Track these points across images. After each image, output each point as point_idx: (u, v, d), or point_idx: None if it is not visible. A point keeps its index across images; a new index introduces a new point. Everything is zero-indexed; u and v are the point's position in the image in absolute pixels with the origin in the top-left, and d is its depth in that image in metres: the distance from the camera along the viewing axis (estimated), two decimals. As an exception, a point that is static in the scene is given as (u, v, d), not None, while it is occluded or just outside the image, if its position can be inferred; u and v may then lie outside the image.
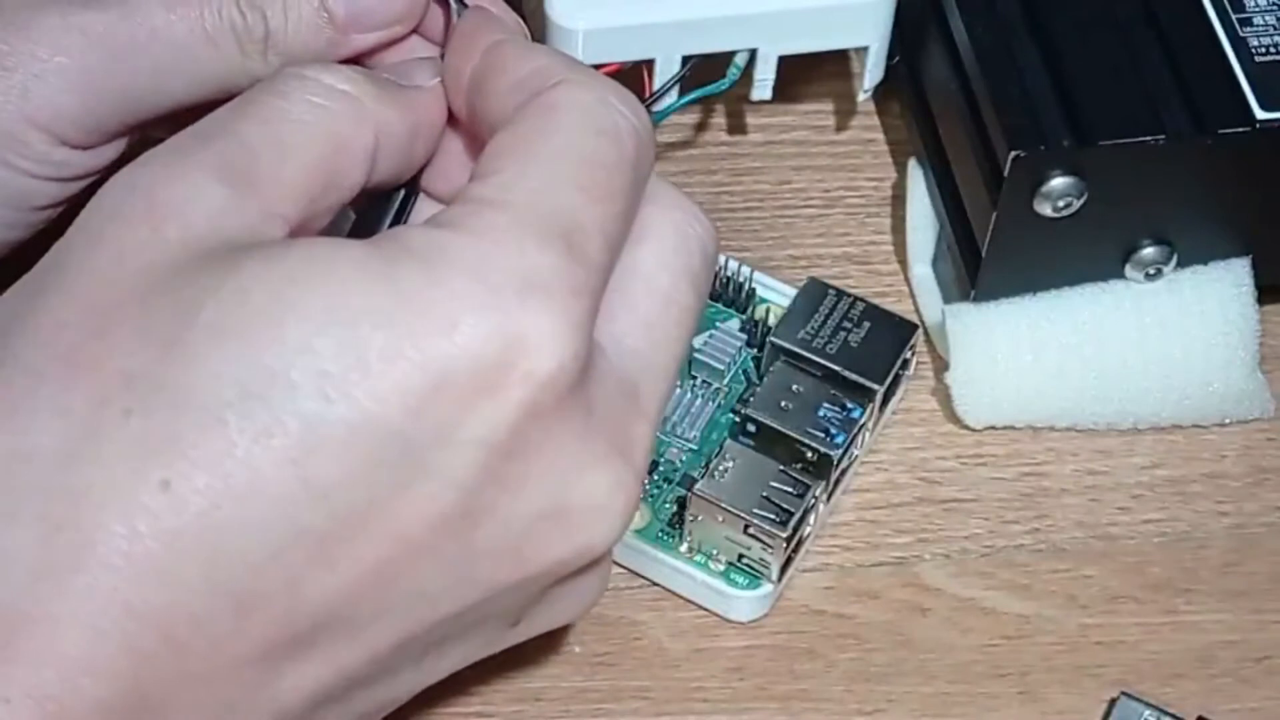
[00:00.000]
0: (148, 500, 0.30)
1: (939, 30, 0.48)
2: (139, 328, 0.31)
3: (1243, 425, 0.47)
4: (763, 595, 0.43)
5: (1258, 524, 0.46)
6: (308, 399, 0.30)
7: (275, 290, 0.31)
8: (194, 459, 0.30)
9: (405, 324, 0.31)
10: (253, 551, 0.30)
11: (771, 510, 0.42)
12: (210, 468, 0.30)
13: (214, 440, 0.30)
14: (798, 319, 0.45)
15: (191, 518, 0.30)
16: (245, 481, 0.30)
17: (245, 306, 0.31)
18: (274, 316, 0.31)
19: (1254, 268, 0.47)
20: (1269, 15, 0.46)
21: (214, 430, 0.30)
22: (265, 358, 0.31)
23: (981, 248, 0.45)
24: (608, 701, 0.42)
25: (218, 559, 0.30)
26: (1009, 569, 0.45)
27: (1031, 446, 0.47)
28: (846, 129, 0.53)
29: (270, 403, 0.30)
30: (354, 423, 0.30)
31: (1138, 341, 0.46)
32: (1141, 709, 0.42)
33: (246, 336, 0.31)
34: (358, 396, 0.30)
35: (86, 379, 0.31)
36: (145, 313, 0.31)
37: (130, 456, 0.30)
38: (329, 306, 0.31)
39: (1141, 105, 0.44)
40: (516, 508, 0.32)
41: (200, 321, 0.31)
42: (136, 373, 0.31)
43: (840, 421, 0.43)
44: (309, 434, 0.30)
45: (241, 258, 0.32)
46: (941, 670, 0.43)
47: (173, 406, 0.30)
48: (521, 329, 0.31)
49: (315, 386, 0.30)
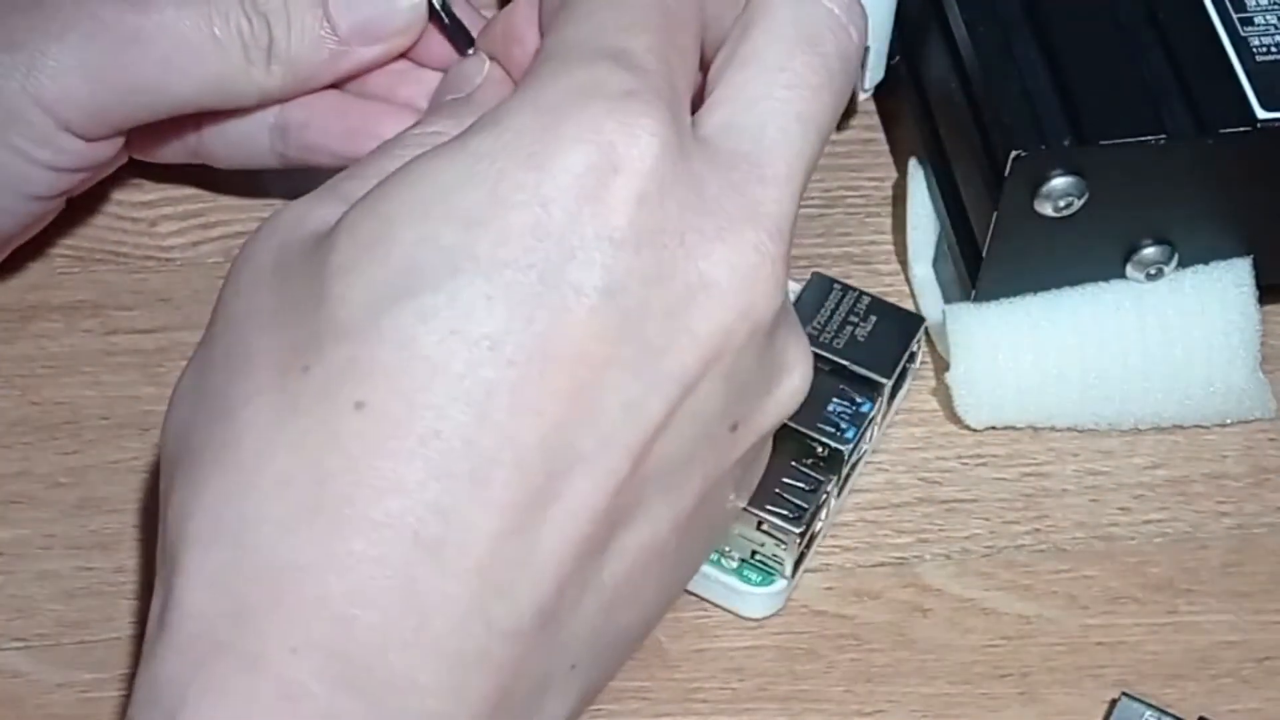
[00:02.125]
0: (347, 420, 0.32)
1: (939, 30, 0.47)
2: (277, 309, 0.34)
3: (1244, 425, 0.47)
4: (776, 592, 0.43)
5: (1259, 524, 0.46)
6: (443, 275, 0.32)
7: (375, 213, 0.33)
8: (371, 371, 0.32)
9: (490, 181, 0.33)
10: (459, 429, 0.32)
11: (784, 506, 0.42)
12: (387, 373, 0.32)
13: (379, 351, 0.32)
14: (804, 314, 0.45)
15: (391, 425, 0.31)
16: (423, 371, 0.32)
17: (355, 237, 0.33)
18: (380, 232, 0.33)
19: (1255, 267, 0.47)
20: (1270, 15, 0.46)
21: (372, 344, 0.32)
22: (391, 264, 0.32)
23: (982, 247, 0.45)
24: (607, 702, 0.42)
25: (429, 450, 0.31)
26: (1010, 569, 0.45)
27: (1032, 447, 0.47)
28: (846, 129, 0.53)
29: (409, 296, 0.32)
30: (490, 275, 0.32)
31: (1139, 341, 0.46)
32: (1142, 709, 0.42)
33: (370, 257, 0.33)
34: (480, 255, 0.32)
35: (263, 361, 0.33)
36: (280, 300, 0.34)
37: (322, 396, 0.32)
38: (423, 199, 0.33)
39: (1142, 105, 0.44)
40: (667, 293, 0.33)
41: (330, 267, 0.33)
42: (297, 341, 0.33)
43: (850, 416, 0.43)
44: (455, 303, 0.32)
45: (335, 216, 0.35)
46: (942, 671, 0.43)
47: (332, 341, 0.32)
48: (592, 132, 0.33)
49: (444, 263, 0.32)
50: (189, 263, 0.49)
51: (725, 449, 0.35)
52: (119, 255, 0.49)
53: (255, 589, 0.31)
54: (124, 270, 0.49)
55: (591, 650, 0.34)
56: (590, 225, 0.32)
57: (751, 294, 0.33)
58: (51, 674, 0.42)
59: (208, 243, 0.50)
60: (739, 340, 0.34)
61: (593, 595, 0.33)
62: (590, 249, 0.32)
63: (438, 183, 0.33)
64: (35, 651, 0.43)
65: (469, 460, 0.32)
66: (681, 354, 0.33)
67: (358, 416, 0.32)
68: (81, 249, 0.49)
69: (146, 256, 0.49)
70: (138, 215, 0.50)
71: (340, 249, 0.33)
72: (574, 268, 0.32)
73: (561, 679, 0.34)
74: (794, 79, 0.35)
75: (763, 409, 0.36)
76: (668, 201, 0.33)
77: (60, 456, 0.46)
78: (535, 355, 0.32)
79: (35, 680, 0.42)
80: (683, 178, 0.33)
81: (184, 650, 0.32)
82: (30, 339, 0.48)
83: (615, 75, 0.33)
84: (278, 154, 0.46)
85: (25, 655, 0.43)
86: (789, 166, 0.35)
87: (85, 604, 0.43)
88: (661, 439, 0.33)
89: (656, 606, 0.36)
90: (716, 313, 0.33)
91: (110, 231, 0.50)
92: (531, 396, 0.32)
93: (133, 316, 0.48)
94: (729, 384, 0.34)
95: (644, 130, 0.33)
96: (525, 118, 0.33)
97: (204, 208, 0.50)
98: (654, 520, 0.34)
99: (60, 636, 0.43)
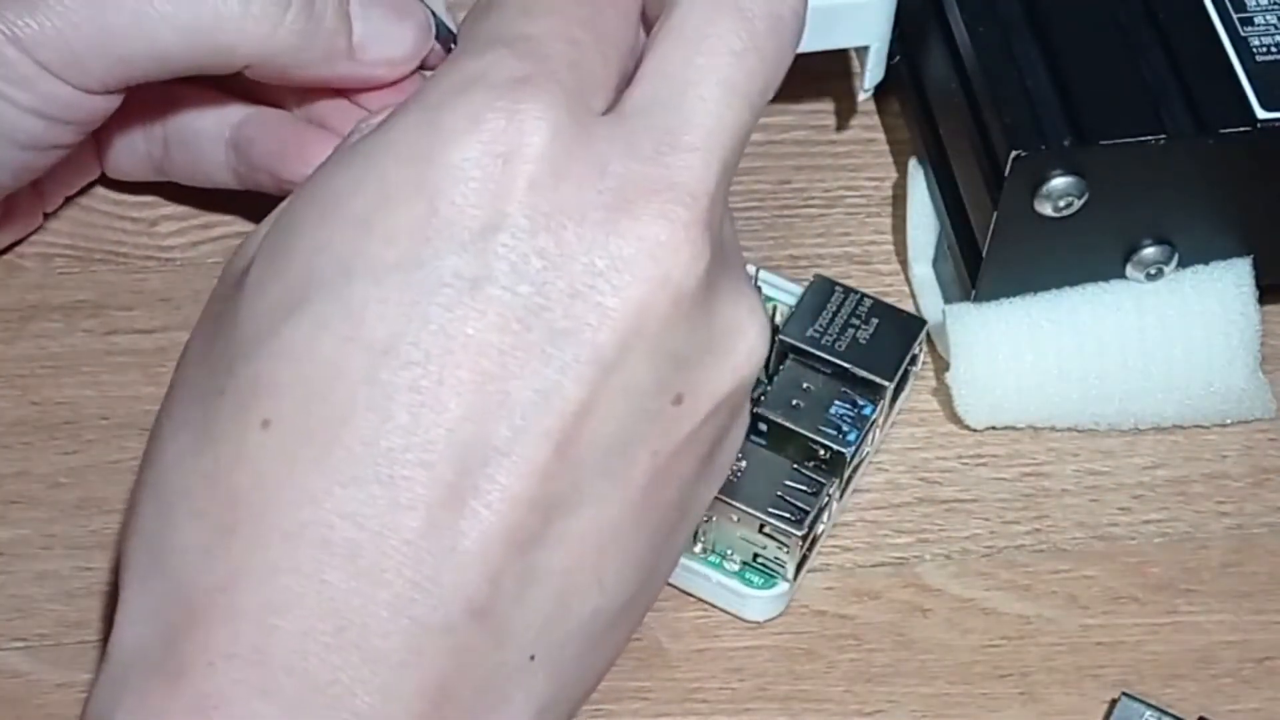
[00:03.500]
0: (254, 438, 0.32)
1: (939, 30, 0.47)
2: (207, 337, 0.35)
3: (1244, 425, 0.47)
4: (778, 594, 0.43)
5: (1259, 524, 0.46)
6: (337, 282, 0.32)
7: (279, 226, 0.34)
8: (274, 387, 0.32)
9: (377, 182, 0.33)
10: (360, 435, 0.32)
11: (786, 509, 0.42)
12: (288, 387, 0.32)
13: (279, 365, 0.32)
14: (806, 316, 0.45)
15: (295, 438, 0.32)
16: (321, 381, 0.32)
17: (263, 253, 0.34)
18: (281, 245, 0.34)
19: (1255, 267, 0.47)
20: (1270, 14, 0.46)
21: (274, 358, 0.32)
22: (290, 276, 0.33)
23: (982, 247, 0.45)
24: (607, 702, 0.42)
25: (332, 458, 0.32)
26: (1010, 569, 0.45)
27: (1032, 447, 0.47)
28: (846, 129, 0.53)
29: (305, 306, 0.32)
30: (380, 277, 0.32)
31: (1139, 342, 0.46)
32: (1142, 709, 0.42)
33: (273, 271, 0.33)
34: (371, 257, 0.32)
35: (189, 393, 0.34)
36: (212, 329, 0.35)
37: (233, 417, 0.33)
38: (319, 207, 0.33)
39: (1142, 105, 0.44)
40: (570, 274, 0.32)
41: (244, 288, 0.34)
42: (216, 364, 0.34)
43: (852, 419, 0.43)
44: (348, 309, 0.32)
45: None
46: (942, 671, 0.43)
47: (241, 360, 0.33)
48: (471, 122, 0.33)
49: (337, 269, 0.32)
50: (189, 263, 0.49)
51: (672, 423, 0.34)
52: (119, 255, 0.49)
53: (179, 613, 0.32)
54: (124, 270, 0.49)
55: (551, 640, 0.34)
56: (480, 216, 0.32)
57: (666, 264, 0.33)
58: (51, 674, 0.42)
59: (208, 243, 0.50)
60: (661, 312, 0.33)
61: (537, 585, 0.33)
62: (480, 240, 0.32)
63: (331, 189, 0.33)
64: (35, 651, 0.43)
65: (373, 464, 0.32)
66: (593, 333, 0.33)
67: (264, 433, 0.32)
68: (81, 249, 0.49)
69: (146, 256, 0.49)
70: (138, 215, 0.50)
71: (253, 268, 0.34)
72: (465, 261, 0.32)
73: (521, 670, 0.33)
74: (714, 45, 0.34)
75: (711, 378, 0.35)
76: (563, 184, 0.33)
77: (60, 456, 0.46)
78: (433, 353, 0.32)
79: (35, 680, 0.42)
80: (581, 158, 0.33)
81: (116, 679, 0.33)
82: (30, 339, 0.48)
83: (504, 63, 0.33)
84: (233, 171, 0.46)
85: (25, 655, 0.43)
86: (707, 134, 0.34)
87: (85, 604, 0.43)
88: (588, 421, 0.33)
89: (626, 591, 0.35)
90: (628, 287, 0.33)
91: (110, 231, 0.50)
92: (432, 395, 0.32)
93: (133, 316, 0.48)
94: (658, 357, 0.33)
95: (530, 115, 0.32)
96: (410, 116, 0.33)
97: (204, 208, 0.50)
98: (598, 503, 0.33)
99: (60, 636, 0.43)
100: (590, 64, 0.34)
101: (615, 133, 0.33)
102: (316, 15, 0.42)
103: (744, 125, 0.35)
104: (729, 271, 0.35)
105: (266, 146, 0.45)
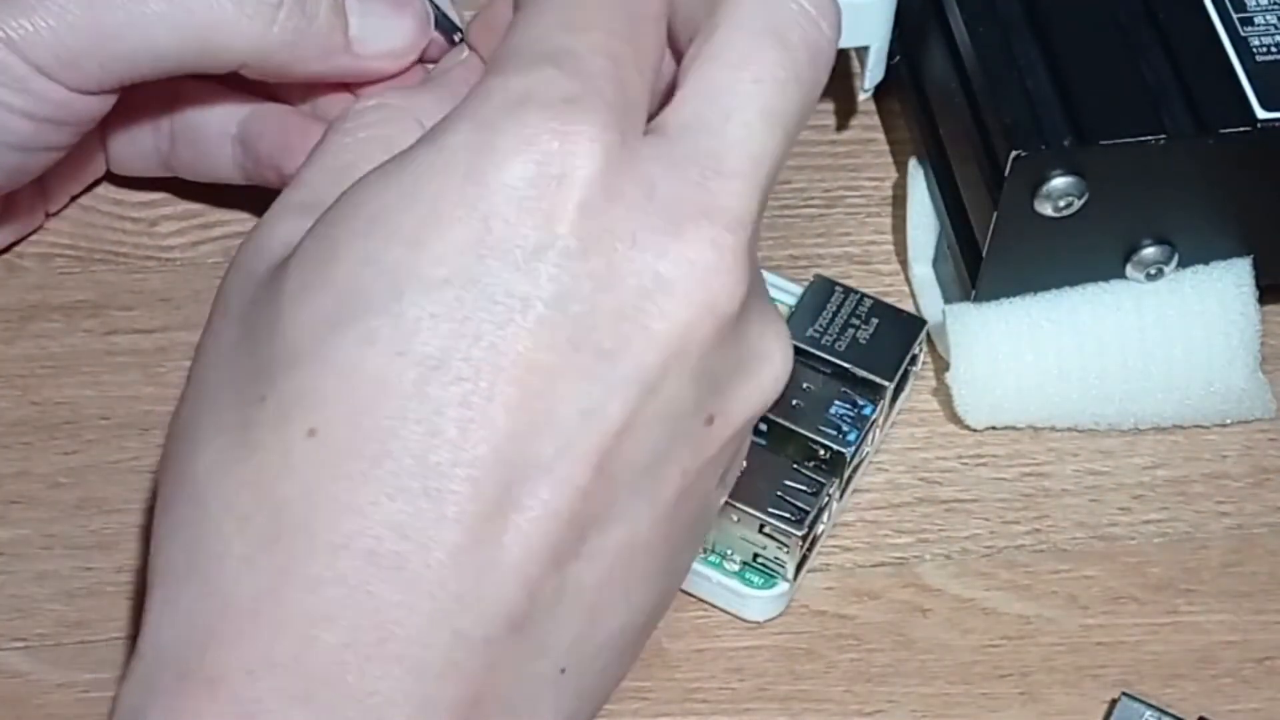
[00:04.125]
0: (299, 448, 0.32)
1: (939, 30, 0.47)
2: (239, 341, 0.35)
3: (1244, 425, 0.47)
4: (778, 595, 0.43)
5: (1259, 524, 0.46)
6: (386, 297, 0.32)
7: (322, 237, 0.34)
8: (320, 398, 0.32)
9: (430, 199, 0.33)
10: (408, 448, 0.32)
11: (786, 509, 0.42)
12: (335, 399, 0.32)
13: (326, 377, 0.32)
14: (806, 316, 0.45)
15: (342, 450, 0.32)
16: (370, 394, 0.32)
17: (303, 263, 0.34)
18: (326, 256, 0.34)
19: (1255, 267, 0.47)
20: (1270, 14, 0.46)
21: (321, 370, 0.32)
22: (336, 288, 0.33)
23: (982, 247, 0.45)
24: (608, 702, 0.42)
25: (380, 471, 0.32)
26: (1010, 569, 0.45)
27: (1032, 447, 0.47)
28: (846, 129, 0.53)
29: (353, 320, 0.32)
30: (432, 294, 0.32)
31: (1139, 342, 0.46)
32: (1142, 709, 0.42)
33: (318, 282, 0.33)
34: (422, 274, 0.32)
35: (221, 397, 0.34)
36: (242, 332, 0.35)
37: (277, 426, 0.33)
38: (366, 220, 0.33)
39: (1142, 105, 0.44)
40: (618, 296, 0.33)
41: (283, 295, 0.34)
42: (255, 371, 0.33)
43: (852, 419, 0.43)
44: (399, 324, 0.32)
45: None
46: (942, 671, 0.43)
47: (284, 369, 0.33)
48: (527, 144, 0.33)
49: (387, 284, 0.32)
50: (189, 263, 0.49)
51: (702, 442, 0.35)
52: (119, 255, 0.49)
53: (218, 620, 0.32)
54: (124, 270, 0.49)
55: (581, 654, 0.34)
56: (532, 236, 0.32)
57: (710, 289, 0.33)
58: (51, 674, 0.42)
59: (208, 243, 0.50)
60: (703, 335, 0.33)
61: (571, 600, 0.33)
62: (533, 260, 0.32)
63: (380, 203, 0.33)
64: (35, 651, 0.43)
65: (421, 477, 0.32)
66: (639, 355, 0.33)
67: (310, 444, 0.32)
68: (81, 249, 0.49)
69: (146, 256, 0.49)
70: (138, 215, 0.50)
71: (291, 276, 0.34)
72: (517, 280, 0.32)
73: (551, 683, 0.34)
74: (758, 73, 0.35)
75: (740, 399, 0.35)
76: (614, 206, 0.33)
77: (60, 456, 0.46)
78: (483, 370, 0.32)
79: (35, 680, 0.42)
80: (630, 179, 0.33)
81: (147, 680, 0.33)
82: (30, 339, 0.48)
83: (555, 81, 0.33)
84: (239, 167, 0.47)
85: (25, 655, 0.43)
86: (751, 161, 0.34)
87: (85, 604, 0.43)
88: (627, 441, 0.33)
89: (650, 605, 0.36)
90: (674, 310, 0.33)
91: (110, 231, 0.50)
92: (481, 410, 0.32)
93: (133, 316, 0.48)
94: (698, 379, 0.34)
95: (583, 137, 0.33)
96: (463, 134, 0.33)
97: (204, 208, 0.50)
98: (631, 520, 0.34)
99: (60, 636, 0.43)
100: (632, 81, 0.34)
101: (661, 154, 0.34)
102: (309, 13, 0.42)
103: (782, 153, 0.35)
104: (759, 296, 0.36)
105: (272, 142, 0.45)
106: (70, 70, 0.42)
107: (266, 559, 0.32)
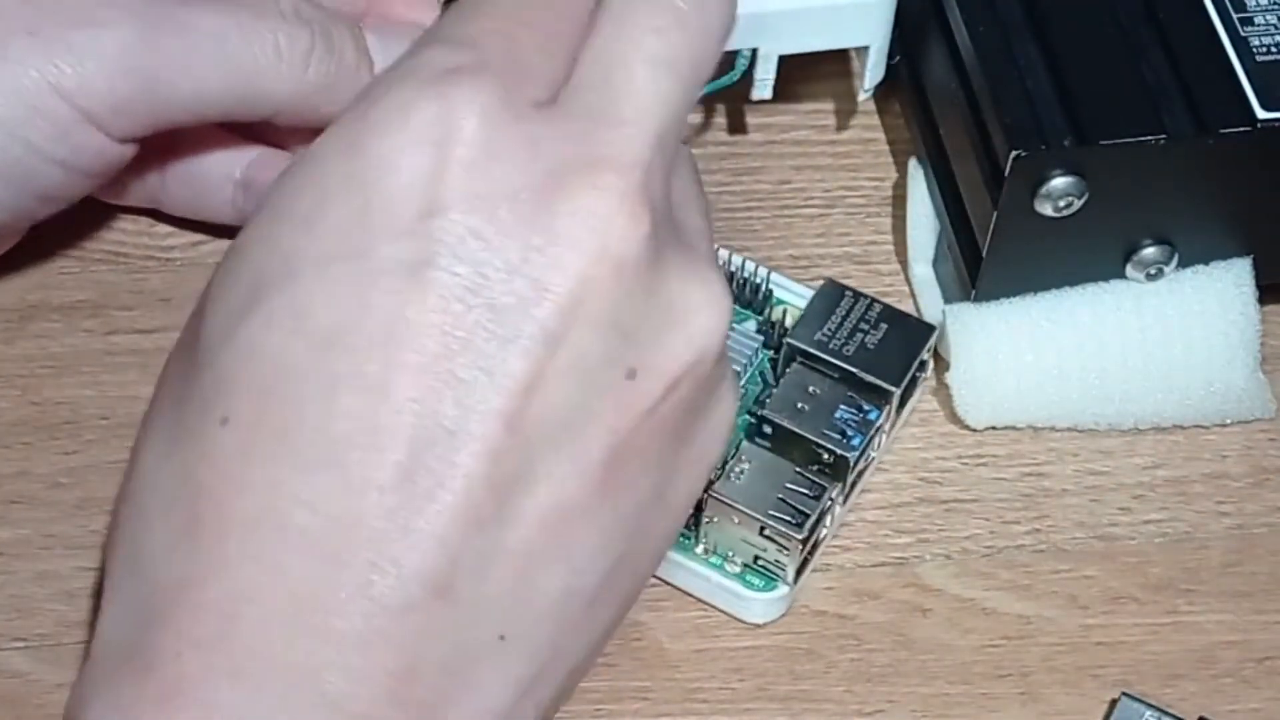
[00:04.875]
0: (213, 435, 0.33)
1: (939, 30, 0.47)
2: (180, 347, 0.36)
3: (1244, 425, 0.47)
4: (778, 597, 0.43)
5: (1259, 524, 0.46)
6: (283, 279, 0.33)
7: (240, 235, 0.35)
8: (230, 386, 0.33)
9: (318, 178, 0.34)
10: (309, 422, 0.32)
11: (787, 512, 0.42)
12: (242, 385, 0.33)
13: (234, 365, 0.33)
14: (814, 320, 0.45)
15: (249, 431, 0.33)
16: (270, 375, 0.33)
17: (223, 262, 0.35)
18: (238, 250, 0.35)
19: (1255, 267, 0.47)
20: (1270, 14, 0.46)
21: (230, 359, 0.33)
22: (244, 279, 0.34)
23: (982, 247, 0.45)
24: (607, 702, 0.42)
25: (283, 448, 0.32)
26: (1010, 569, 0.45)
27: (1032, 447, 0.47)
28: (846, 129, 0.53)
29: (255, 306, 0.33)
30: (321, 270, 0.33)
31: (1139, 342, 0.46)
32: (1142, 709, 0.42)
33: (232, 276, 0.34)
34: (311, 251, 0.33)
35: (164, 403, 0.35)
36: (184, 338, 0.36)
37: (197, 419, 0.33)
38: (271, 211, 0.34)
39: (1142, 105, 0.44)
40: (508, 252, 0.33)
41: (208, 297, 0.35)
42: (186, 372, 0.35)
43: (857, 424, 0.43)
44: (293, 304, 0.33)
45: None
46: (942, 671, 0.43)
47: (206, 364, 0.34)
48: (400, 113, 0.33)
49: (283, 266, 0.33)
50: (189, 263, 0.49)
51: (628, 398, 0.34)
52: (119, 255, 0.49)
53: (150, 609, 0.33)
54: (124, 270, 0.49)
55: (521, 619, 0.34)
56: (414, 202, 0.33)
57: (602, 235, 0.33)
58: (51, 674, 0.42)
59: (208, 243, 0.49)
60: (601, 283, 0.33)
61: (499, 563, 0.33)
62: (417, 225, 0.33)
63: (280, 192, 0.34)
64: (35, 651, 0.43)
65: (324, 449, 0.32)
66: (534, 308, 0.33)
67: (223, 430, 0.33)
68: (81, 249, 0.49)
69: (146, 256, 0.49)
70: (138, 215, 0.50)
71: (215, 277, 0.35)
72: (402, 246, 0.33)
73: (492, 649, 0.33)
74: (636, 27, 0.35)
75: (665, 351, 0.34)
76: (496, 166, 0.33)
77: (60, 456, 0.46)
78: (376, 339, 0.32)
79: (35, 680, 0.42)
80: (514, 138, 0.33)
81: (93, 672, 0.33)
82: (30, 339, 0.48)
83: (438, 55, 0.34)
84: (238, 209, 0.47)
85: (25, 655, 0.43)
86: (637, 109, 0.34)
87: (85, 604, 0.43)
88: (536, 397, 0.33)
89: (599, 570, 0.35)
90: (565, 260, 0.33)
91: (110, 231, 0.50)
92: (378, 380, 0.32)
93: (133, 316, 0.48)
94: (605, 330, 0.33)
95: (459, 100, 0.33)
96: (345, 114, 0.34)
97: (204, 208, 0.50)
98: (556, 480, 0.33)
99: (60, 636, 0.43)
100: (527, 57, 0.35)
101: (548, 116, 0.34)
102: (337, 51, 0.43)
103: (676, 99, 0.35)
104: (680, 247, 0.35)
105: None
106: (118, 117, 0.42)
107: (187, 544, 0.33)
